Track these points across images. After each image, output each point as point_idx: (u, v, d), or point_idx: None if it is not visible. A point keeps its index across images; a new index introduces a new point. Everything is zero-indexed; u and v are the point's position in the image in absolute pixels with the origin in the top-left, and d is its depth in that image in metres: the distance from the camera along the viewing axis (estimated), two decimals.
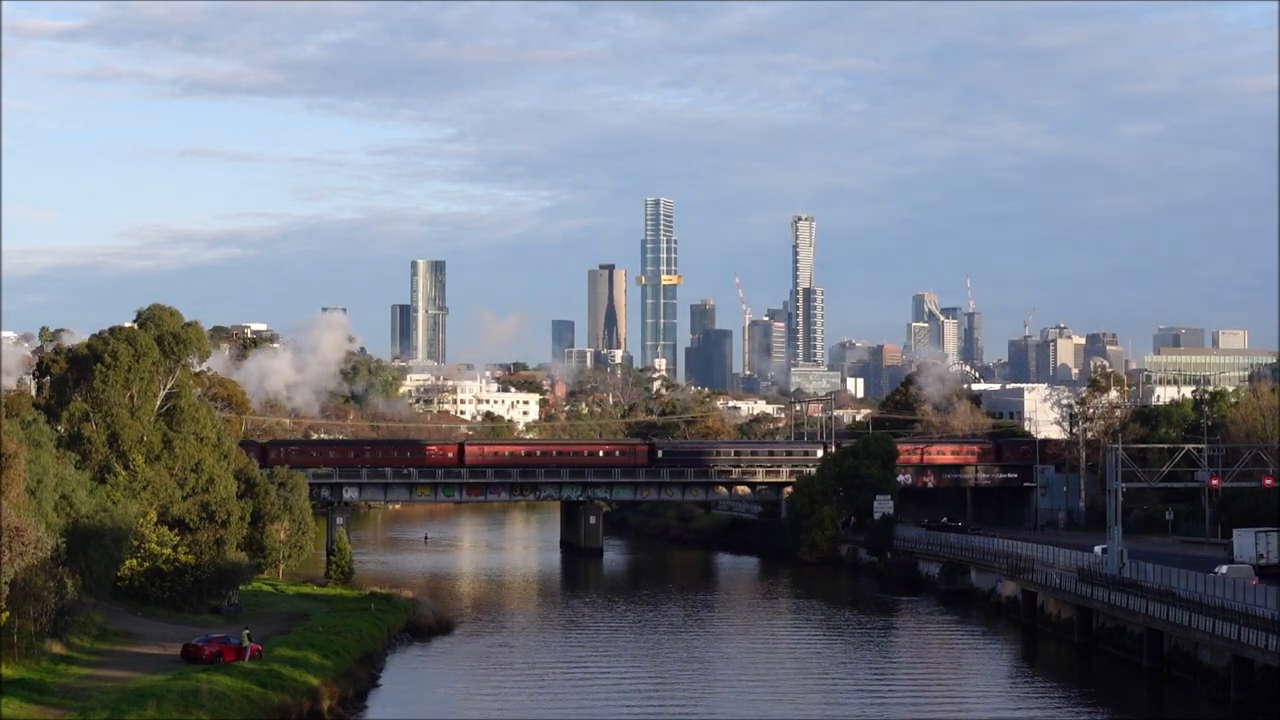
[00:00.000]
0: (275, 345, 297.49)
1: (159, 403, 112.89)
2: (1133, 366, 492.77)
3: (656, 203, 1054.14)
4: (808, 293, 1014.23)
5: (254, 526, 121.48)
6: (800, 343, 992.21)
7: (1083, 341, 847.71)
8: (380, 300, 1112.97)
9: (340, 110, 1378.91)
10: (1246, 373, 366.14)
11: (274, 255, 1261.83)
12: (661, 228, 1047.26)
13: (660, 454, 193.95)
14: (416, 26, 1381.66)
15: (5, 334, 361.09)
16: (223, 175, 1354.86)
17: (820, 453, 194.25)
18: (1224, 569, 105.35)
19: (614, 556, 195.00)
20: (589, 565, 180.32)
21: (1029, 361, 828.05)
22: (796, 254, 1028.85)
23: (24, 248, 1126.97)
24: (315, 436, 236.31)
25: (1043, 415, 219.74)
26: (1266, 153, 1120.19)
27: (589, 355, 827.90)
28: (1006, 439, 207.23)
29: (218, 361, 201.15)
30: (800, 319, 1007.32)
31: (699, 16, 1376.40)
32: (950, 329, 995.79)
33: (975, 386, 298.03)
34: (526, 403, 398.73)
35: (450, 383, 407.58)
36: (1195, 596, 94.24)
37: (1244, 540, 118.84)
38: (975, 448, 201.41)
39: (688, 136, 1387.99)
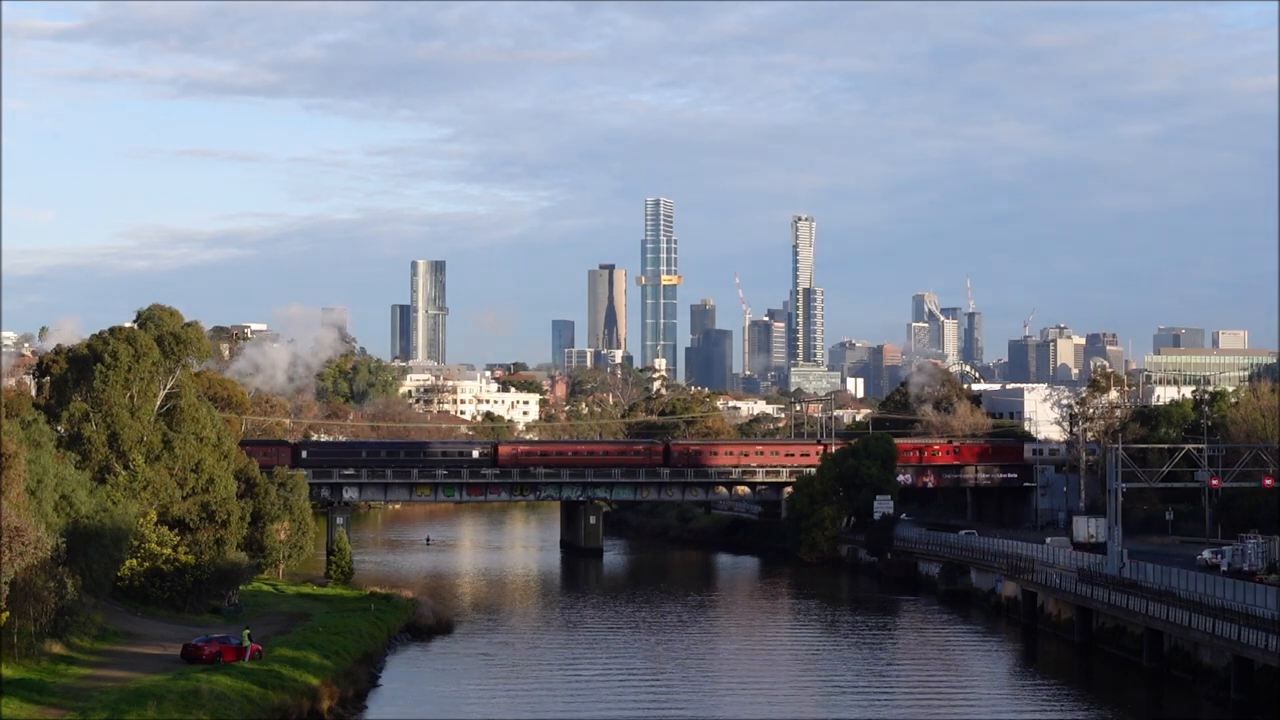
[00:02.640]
0: (276, 345, 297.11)
1: (159, 403, 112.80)
2: (1133, 366, 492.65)
3: (656, 203, 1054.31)
4: (808, 293, 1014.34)
5: (254, 526, 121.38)
6: (800, 343, 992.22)
7: (1083, 341, 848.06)
8: (380, 300, 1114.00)
9: (338, 110, 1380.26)
10: (1246, 373, 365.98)
11: (273, 255, 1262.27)
12: (661, 228, 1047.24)
13: (305, 455, 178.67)
14: (414, 27, 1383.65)
15: (5, 334, 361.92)
16: (221, 175, 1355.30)
17: (477, 452, 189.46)
18: (1049, 540, 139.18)
19: (614, 556, 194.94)
20: (589, 565, 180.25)
21: (1029, 361, 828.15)
22: (796, 254, 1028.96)
23: (23, 248, 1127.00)
24: (314, 437, 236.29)
25: (1043, 415, 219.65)
26: (1266, 153, 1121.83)
27: (589, 355, 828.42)
28: (1003, 438, 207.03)
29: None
30: (800, 319, 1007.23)
31: (696, 16, 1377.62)
32: (950, 329, 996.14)
33: (975, 387, 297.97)
34: (526, 403, 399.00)
35: (450, 383, 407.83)
36: (1195, 597, 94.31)
37: (1080, 524, 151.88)
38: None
39: (687, 137, 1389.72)
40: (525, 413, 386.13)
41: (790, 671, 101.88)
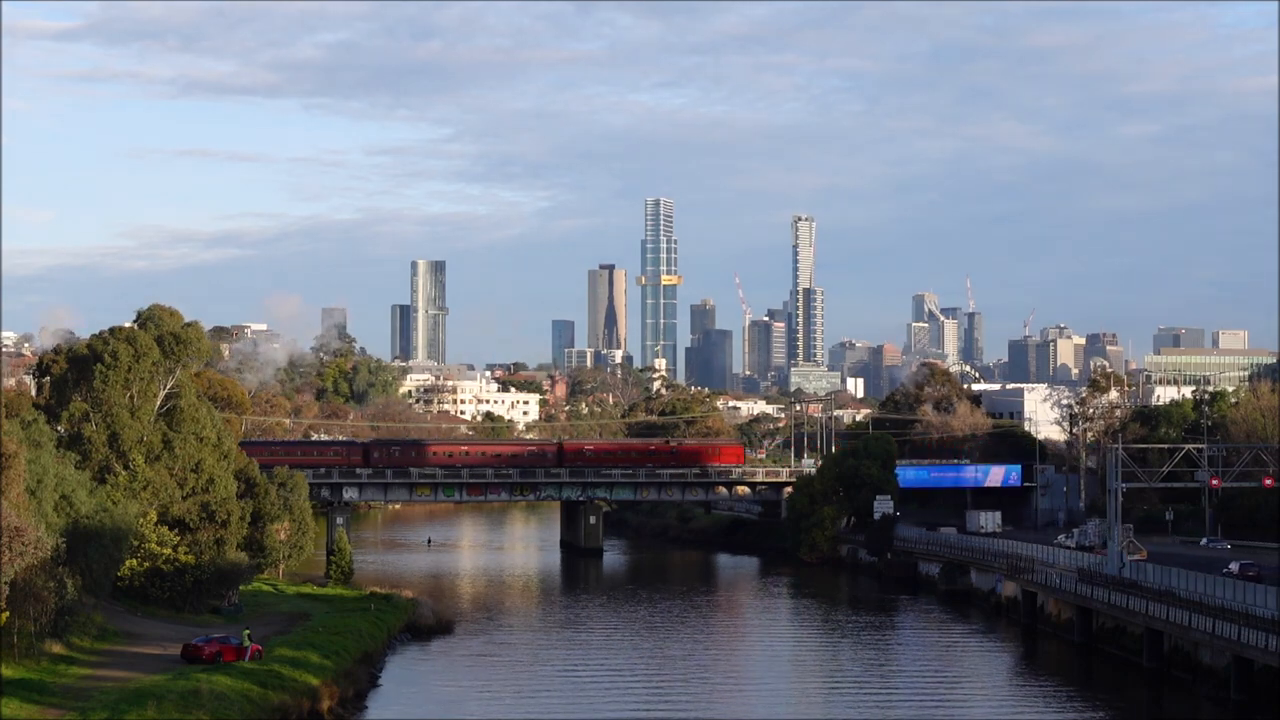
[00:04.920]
0: (277, 345, 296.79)
1: (159, 403, 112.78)
2: (1133, 366, 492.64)
3: (656, 203, 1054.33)
4: (808, 293, 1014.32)
5: (254, 526, 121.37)
6: (800, 343, 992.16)
7: (1083, 341, 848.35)
8: (380, 300, 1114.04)
9: (337, 110, 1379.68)
10: (1246, 373, 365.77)
11: (272, 255, 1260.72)
12: (661, 228, 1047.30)
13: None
14: (413, 27, 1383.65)
15: (5, 334, 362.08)
16: (220, 175, 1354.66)
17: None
18: (943, 529, 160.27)
19: (614, 556, 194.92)
20: (589, 565, 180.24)
21: (1029, 361, 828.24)
22: (796, 254, 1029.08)
23: (22, 248, 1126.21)
24: (315, 436, 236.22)
25: (1043, 415, 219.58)
26: (1266, 153, 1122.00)
27: (589, 355, 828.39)
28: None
29: None
30: (800, 319, 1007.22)
31: (696, 16, 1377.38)
32: (950, 329, 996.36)
33: (976, 387, 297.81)
34: (526, 403, 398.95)
35: (450, 383, 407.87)
36: (1195, 597, 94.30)
37: (973, 516, 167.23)
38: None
39: (686, 137, 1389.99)
40: (525, 413, 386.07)
41: (790, 671, 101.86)
